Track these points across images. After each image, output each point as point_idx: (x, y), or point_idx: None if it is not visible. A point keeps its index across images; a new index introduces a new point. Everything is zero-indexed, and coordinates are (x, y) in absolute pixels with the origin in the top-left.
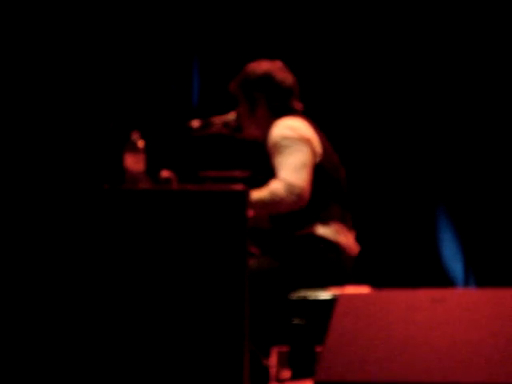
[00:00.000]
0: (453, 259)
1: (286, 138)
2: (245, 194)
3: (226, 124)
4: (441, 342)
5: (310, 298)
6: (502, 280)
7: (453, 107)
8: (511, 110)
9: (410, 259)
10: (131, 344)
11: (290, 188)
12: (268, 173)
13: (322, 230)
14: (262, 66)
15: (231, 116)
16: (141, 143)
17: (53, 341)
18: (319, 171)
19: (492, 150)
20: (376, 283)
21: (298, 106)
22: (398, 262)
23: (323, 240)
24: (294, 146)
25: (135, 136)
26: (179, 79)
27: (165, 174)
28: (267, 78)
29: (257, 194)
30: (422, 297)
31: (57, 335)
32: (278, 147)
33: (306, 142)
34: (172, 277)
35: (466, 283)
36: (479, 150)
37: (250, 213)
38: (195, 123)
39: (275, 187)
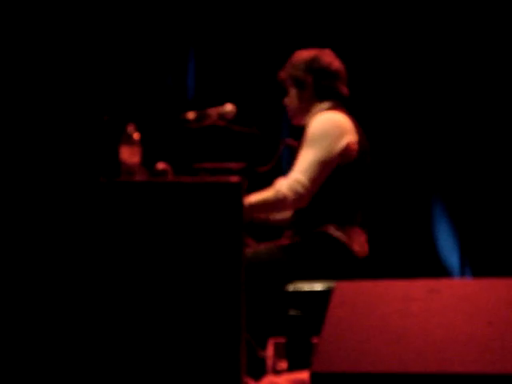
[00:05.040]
0: (449, 250)
1: (323, 130)
2: (240, 186)
3: (221, 116)
4: (437, 332)
5: (306, 289)
6: (497, 270)
7: (447, 99)
8: (504, 102)
9: (406, 250)
10: (126, 336)
11: (295, 185)
12: (263, 164)
13: (337, 233)
14: (310, 51)
15: (226, 108)
16: (136, 136)
17: (46, 330)
18: (347, 171)
19: (487, 140)
20: (372, 275)
21: (344, 90)
22: (394, 253)
23: (335, 241)
24: (323, 141)
25: (131, 128)
26: (175, 71)
27: (160, 166)
28: (314, 60)
29: (261, 195)
30: (418, 287)
31: (52, 326)
32: (309, 138)
33: (341, 138)
34: (168, 269)
35: (462, 274)
36: (475, 141)
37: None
38: (190, 115)
39: (280, 185)
